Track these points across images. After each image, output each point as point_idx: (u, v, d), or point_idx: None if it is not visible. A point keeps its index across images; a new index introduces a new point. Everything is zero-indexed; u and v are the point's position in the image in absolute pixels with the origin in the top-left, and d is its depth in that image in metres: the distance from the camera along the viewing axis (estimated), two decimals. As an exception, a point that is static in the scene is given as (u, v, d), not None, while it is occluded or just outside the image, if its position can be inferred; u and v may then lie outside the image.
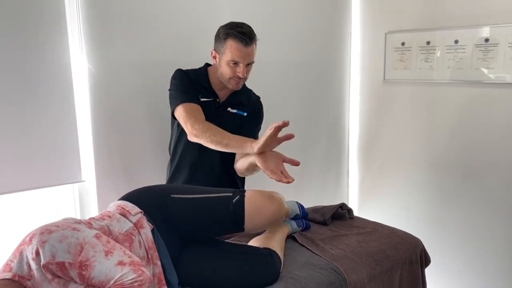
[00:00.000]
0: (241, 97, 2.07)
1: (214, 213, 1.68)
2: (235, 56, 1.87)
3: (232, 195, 1.70)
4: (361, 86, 3.19)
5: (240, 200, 1.67)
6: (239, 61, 1.89)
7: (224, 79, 1.96)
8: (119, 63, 2.13)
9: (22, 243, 1.35)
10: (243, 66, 1.90)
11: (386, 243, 1.99)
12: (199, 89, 1.99)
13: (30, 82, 1.90)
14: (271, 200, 1.73)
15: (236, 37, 1.85)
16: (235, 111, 2.05)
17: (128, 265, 1.33)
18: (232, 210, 1.66)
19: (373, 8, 3.05)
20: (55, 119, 1.99)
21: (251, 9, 2.59)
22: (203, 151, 2.02)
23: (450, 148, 2.77)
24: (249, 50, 1.89)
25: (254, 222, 1.69)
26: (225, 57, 1.90)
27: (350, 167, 3.35)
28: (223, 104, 2.04)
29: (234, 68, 1.90)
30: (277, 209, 1.73)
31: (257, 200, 1.70)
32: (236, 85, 1.97)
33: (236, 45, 1.86)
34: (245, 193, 1.71)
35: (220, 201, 1.69)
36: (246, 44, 1.87)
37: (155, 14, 2.22)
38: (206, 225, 1.69)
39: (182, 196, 1.68)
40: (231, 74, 1.92)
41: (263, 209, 1.69)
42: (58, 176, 2.03)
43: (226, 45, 1.88)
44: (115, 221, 1.53)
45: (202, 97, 1.98)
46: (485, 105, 2.59)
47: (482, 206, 2.66)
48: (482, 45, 2.54)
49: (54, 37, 1.95)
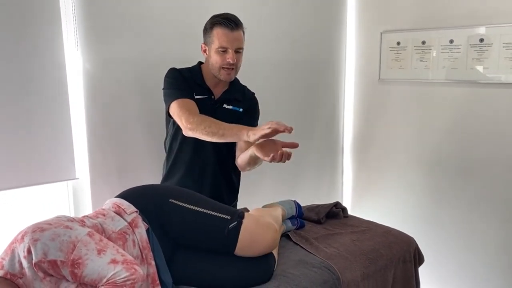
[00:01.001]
0: (236, 93, 2.07)
1: (208, 233, 1.65)
2: (222, 41, 1.86)
3: (230, 218, 1.66)
4: (356, 85, 3.19)
5: (237, 228, 1.65)
6: (227, 47, 1.87)
7: (215, 70, 1.95)
8: (114, 60, 2.13)
9: (14, 241, 1.34)
10: (232, 52, 1.88)
11: (380, 242, 1.99)
12: (193, 86, 1.99)
13: (24, 79, 1.89)
14: (267, 234, 1.71)
15: (221, 24, 1.86)
16: (230, 107, 2.05)
17: (120, 264, 1.32)
18: (227, 235, 1.64)
19: (369, 7, 3.05)
20: (49, 116, 1.98)
21: (246, 8, 2.58)
22: (198, 149, 2.02)
23: (445, 148, 2.78)
24: (236, 35, 1.88)
25: (245, 250, 1.66)
26: (213, 45, 1.89)
27: (344, 166, 3.35)
28: (218, 101, 2.03)
29: (223, 56, 1.89)
30: (271, 244, 1.71)
31: (253, 231, 1.67)
32: (228, 75, 1.95)
33: (223, 31, 1.86)
34: (243, 220, 1.68)
35: (216, 222, 1.65)
36: (232, 28, 1.87)
37: (150, 12, 2.21)
38: (197, 240, 1.67)
39: (180, 204, 1.65)
40: (221, 62, 1.90)
41: (257, 241, 1.67)
42: (52, 174, 2.02)
43: (213, 34, 1.88)
44: (109, 219, 1.53)
45: (196, 95, 1.98)
46: (479, 104, 2.60)
47: (476, 205, 2.67)
48: (477, 45, 2.55)
49: (49, 34, 1.94)
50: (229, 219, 1.67)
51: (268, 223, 1.77)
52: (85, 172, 2.12)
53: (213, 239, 1.65)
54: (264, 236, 1.69)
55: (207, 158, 2.06)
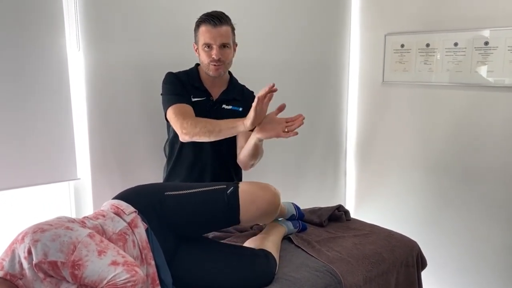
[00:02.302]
0: (235, 93, 2.07)
1: (209, 206, 1.66)
2: (206, 38, 1.89)
3: (226, 187, 1.69)
4: (360, 88, 3.18)
5: (235, 191, 1.66)
6: (211, 43, 1.90)
7: (205, 67, 1.97)
8: (116, 61, 2.12)
9: (15, 242, 1.34)
10: (216, 47, 1.90)
11: (383, 245, 1.98)
12: (190, 90, 1.99)
13: (26, 79, 1.89)
14: (265, 190, 1.71)
15: (205, 21, 1.90)
16: (230, 107, 2.06)
17: (121, 265, 1.31)
18: (227, 201, 1.64)
19: (373, 9, 3.04)
20: (51, 116, 1.98)
21: (251, 10, 2.59)
22: (197, 152, 2.03)
23: (448, 151, 2.77)
24: (221, 31, 1.90)
25: (249, 212, 1.66)
26: (200, 43, 1.93)
27: (347, 169, 3.34)
28: (217, 102, 2.04)
29: (209, 52, 1.92)
30: (272, 199, 1.71)
31: (252, 190, 1.69)
32: (216, 70, 1.95)
33: (206, 27, 1.90)
34: (239, 184, 1.70)
35: (214, 193, 1.67)
36: (215, 25, 1.89)
37: (153, 12, 2.21)
38: (201, 219, 1.67)
39: (176, 193, 1.67)
40: (208, 58, 1.93)
41: (258, 199, 1.67)
42: (54, 174, 2.02)
43: (199, 33, 1.92)
44: (109, 220, 1.52)
45: (194, 97, 1.99)
46: (484, 108, 2.58)
47: (480, 209, 2.65)
48: (482, 48, 2.54)
49: (51, 34, 1.94)
50: (225, 187, 1.68)
51: (266, 184, 1.77)
52: (87, 173, 2.12)
53: (215, 211, 1.66)
54: (264, 191, 1.70)
55: (207, 160, 2.07)
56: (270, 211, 1.73)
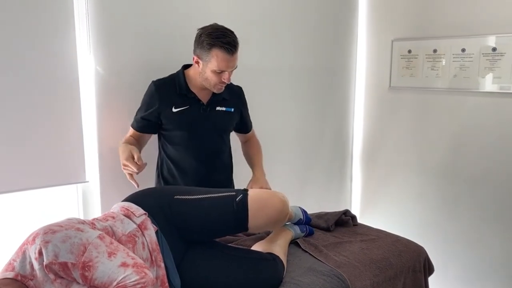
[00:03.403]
0: (223, 93, 2.06)
1: (217, 213, 1.67)
2: (222, 66, 1.88)
3: (235, 194, 1.70)
4: (367, 93, 3.19)
5: (243, 198, 1.67)
6: (225, 70, 1.91)
7: (209, 85, 1.96)
8: (126, 64, 2.14)
9: (26, 243, 1.35)
10: (228, 73, 1.92)
11: (390, 250, 1.98)
12: (172, 99, 1.99)
13: (37, 81, 1.91)
14: (274, 198, 1.72)
15: (221, 48, 1.85)
16: (223, 108, 2.08)
17: (131, 267, 1.32)
18: (236, 208, 1.65)
19: (380, 15, 3.05)
20: (60, 119, 1.99)
21: (258, 15, 2.60)
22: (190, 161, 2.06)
23: (455, 156, 2.76)
24: (234, 58, 1.91)
25: (258, 220, 1.67)
26: (210, 65, 1.89)
27: (353, 173, 3.34)
28: (209, 104, 2.04)
29: (220, 76, 1.92)
30: (281, 208, 1.72)
31: (261, 198, 1.70)
32: (220, 89, 1.99)
33: (223, 55, 1.86)
34: (249, 192, 1.71)
35: (223, 200, 1.68)
36: (232, 53, 1.88)
37: (163, 15, 2.22)
38: (209, 226, 1.68)
39: (185, 197, 1.68)
40: (217, 81, 1.93)
41: (266, 207, 1.69)
42: (62, 176, 2.03)
43: (211, 55, 1.87)
44: (118, 222, 1.53)
45: (176, 108, 1.98)
46: (491, 114, 2.58)
47: (487, 214, 2.65)
48: (489, 54, 2.54)
49: (62, 37, 1.95)
50: (234, 194, 1.70)
51: (275, 191, 1.79)
52: (95, 175, 2.13)
53: (224, 218, 1.67)
54: (272, 199, 1.71)
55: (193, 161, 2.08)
56: (279, 219, 1.73)
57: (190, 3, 2.30)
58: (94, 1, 2.01)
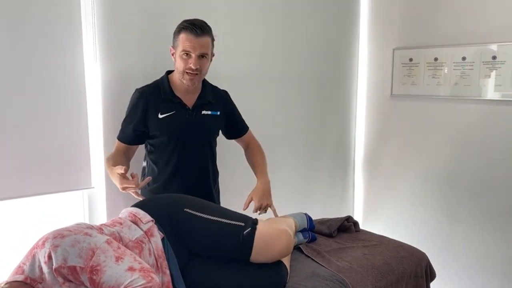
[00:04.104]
0: (208, 96, 2.06)
1: (223, 240, 1.68)
2: (186, 46, 1.87)
3: (244, 225, 1.70)
4: (369, 101, 3.21)
5: (251, 233, 1.67)
6: (190, 51, 1.88)
7: (179, 74, 1.94)
8: (132, 71, 2.17)
9: (35, 247, 1.37)
10: (194, 57, 1.88)
11: (392, 256, 2.00)
12: (158, 106, 1.98)
13: (44, 89, 1.94)
14: (281, 239, 1.73)
15: (187, 29, 1.87)
16: (209, 112, 2.05)
17: (138, 271, 1.34)
18: (241, 241, 1.66)
19: (381, 24, 3.08)
20: (67, 126, 2.02)
21: (260, 23, 2.64)
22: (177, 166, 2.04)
23: (456, 163, 2.78)
24: (201, 41, 1.88)
25: (260, 256, 1.69)
26: (178, 50, 1.91)
27: (355, 181, 3.36)
28: (194, 108, 2.02)
29: (186, 60, 1.89)
30: (285, 251, 1.74)
31: (268, 236, 1.70)
32: (191, 80, 1.93)
33: (187, 36, 1.87)
34: (257, 226, 1.71)
35: (231, 230, 1.68)
36: (197, 34, 1.87)
37: (169, 24, 2.25)
38: (212, 249, 1.69)
39: (194, 213, 1.68)
40: (184, 66, 1.90)
41: (271, 247, 1.70)
42: (68, 182, 2.06)
43: (179, 38, 1.90)
44: (126, 228, 1.55)
45: (162, 114, 1.98)
46: (492, 121, 2.60)
47: (488, 221, 2.66)
48: (490, 62, 2.57)
49: (68, 46, 1.99)
50: (243, 225, 1.69)
51: (282, 228, 1.79)
52: (101, 181, 2.16)
53: (228, 246, 1.68)
54: (279, 241, 1.72)
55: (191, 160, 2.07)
56: (281, 258, 1.76)
57: (194, 12, 2.33)
58: (100, 10, 2.05)
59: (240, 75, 2.55)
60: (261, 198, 2.04)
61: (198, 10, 2.35)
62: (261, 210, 2.04)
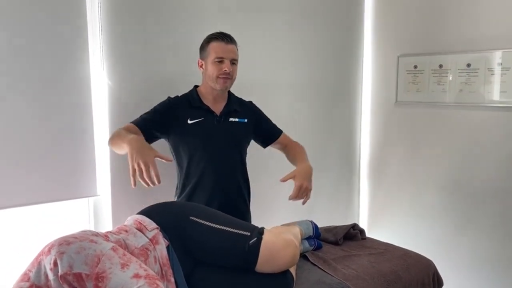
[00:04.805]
0: (234, 105, 2.13)
1: (228, 250, 1.67)
2: (218, 52, 1.98)
3: (250, 235, 1.69)
4: (373, 108, 3.22)
5: (257, 244, 1.66)
6: (223, 57, 1.98)
7: (212, 80, 2.02)
8: (138, 80, 2.19)
9: (41, 254, 1.37)
10: (228, 62, 1.99)
11: (399, 264, 1.98)
12: (187, 113, 2.03)
13: (51, 97, 1.95)
14: (287, 251, 1.71)
15: (217, 38, 2.00)
16: (236, 119, 2.12)
17: (143, 278, 1.34)
18: (247, 251, 1.65)
19: (386, 31, 3.09)
20: (73, 133, 2.03)
21: (265, 32, 2.66)
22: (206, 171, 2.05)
23: (462, 170, 2.77)
24: (231, 47, 2.01)
25: (265, 266, 1.68)
26: (210, 58, 2.00)
27: (361, 188, 3.35)
28: (222, 115, 2.09)
29: (219, 66, 1.99)
30: (290, 260, 1.72)
31: (274, 246, 1.69)
32: (224, 84, 2.02)
33: (218, 44, 1.99)
34: (263, 236, 1.69)
35: (236, 239, 1.67)
36: (227, 42, 2.00)
37: (175, 33, 2.28)
38: (217, 258, 1.68)
39: (200, 221, 1.67)
40: (218, 71, 1.99)
41: (277, 258, 1.69)
42: (74, 190, 2.06)
43: (209, 48, 2.01)
44: (131, 235, 1.55)
45: (191, 120, 2.03)
46: (497, 128, 2.59)
47: (494, 228, 2.64)
48: (495, 69, 2.56)
49: (75, 54, 2.00)
50: (249, 235, 1.68)
51: (288, 238, 1.78)
52: (107, 189, 2.16)
53: (234, 256, 1.66)
54: (285, 251, 1.71)
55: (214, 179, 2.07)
56: (286, 268, 1.74)
57: (199, 19, 2.36)
58: (106, 19, 2.07)
59: (245, 84, 2.55)
60: (303, 178, 2.00)
61: (204, 18, 2.37)
62: (300, 193, 1.96)
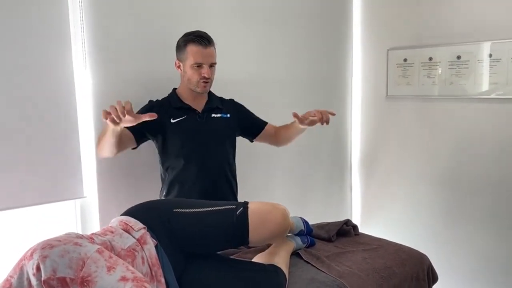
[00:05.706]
0: (215, 102, 2.15)
1: (217, 227, 1.65)
2: (197, 58, 1.97)
3: (235, 207, 1.68)
4: (364, 102, 3.20)
5: (244, 212, 1.66)
6: (202, 62, 1.98)
7: (192, 84, 2.03)
8: (122, 79, 2.14)
9: (23, 258, 1.32)
10: (206, 67, 1.99)
11: (393, 259, 1.96)
12: (169, 113, 2.04)
13: (33, 97, 1.90)
14: (275, 211, 1.71)
15: (195, 41, 1.97)
16: (219, 115, 2.13)
17: (131, 281, 1.29)
18: (236, 222, 1.64)
19: (375, 25, 3.07)
20: (57, 135, 1.98)
21: (254, 27, 2.62)
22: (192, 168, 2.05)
23: (453, 164, 2.76)
24: (209, 51, 1.99)
25: (259, 234, 1.66)
26: (188, 62, 1.99)
27: (353, 183, 3.33)
28: (204, 112, 2.10)
29: (199, 70, 1.99)
30: (282, 221, 1.71)
31: (261, 211, 1.69)
32: (204, 87, 2.04)
33: (197, 48, 1.97)
34: (248, 205, 1.69)
35: (223, 214, 1.67)
36: (205, 46, 1.98)
37: (159, 31, 2.23)
38: (209, 240, 1.66)
39: (185, 211, 1.66)
40: (198, 76, 2.00)
41: (267, 220, 1.68)
42: (60, 192, 2.02)
43: (187, 51, 1.98)
44: (117, 236, 1.50)
45: (174, 119, 2.04)
46: (488, 120, 2.58)
47: (487, 221, 2.64)
48: (485, 61, 2.55)
49: (57, 53, 1.96)
50: (235, 207, 1.68)
51: (275, 203, 1.77)
52: (93, 191, 2.11)
53: (224, 232, 1.65)
54: (273, 213, 1.70)
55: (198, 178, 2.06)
56: (280, 233, 1.73)
57: (185, 17, 2.32)
58: (89, 17, 2.02)
59: (234, 80, 2.53)
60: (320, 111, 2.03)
61: (190, 15, 2.33)
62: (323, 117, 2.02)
